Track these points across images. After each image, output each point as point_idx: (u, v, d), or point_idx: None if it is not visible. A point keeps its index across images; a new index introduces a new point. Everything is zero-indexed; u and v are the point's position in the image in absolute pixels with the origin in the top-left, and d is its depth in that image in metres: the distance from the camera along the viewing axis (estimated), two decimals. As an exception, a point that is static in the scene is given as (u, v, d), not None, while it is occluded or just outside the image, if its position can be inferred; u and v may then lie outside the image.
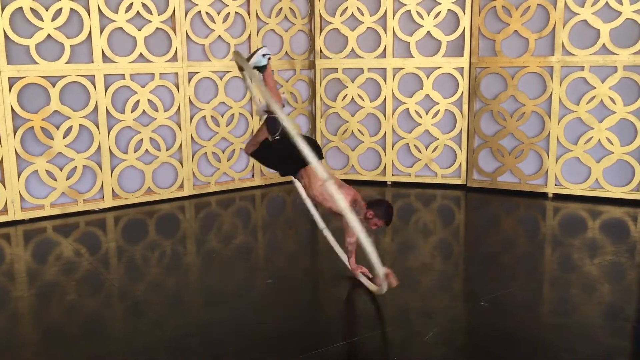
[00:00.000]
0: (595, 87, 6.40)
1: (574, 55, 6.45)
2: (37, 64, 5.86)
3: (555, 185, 6.71)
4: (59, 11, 5.91)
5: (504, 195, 6.90)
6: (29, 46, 5.81)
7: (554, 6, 6.47)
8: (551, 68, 6.57)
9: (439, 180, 7.31)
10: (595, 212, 6.19)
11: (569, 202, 6.52)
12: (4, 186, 5.83)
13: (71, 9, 5.97)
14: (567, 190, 6.66)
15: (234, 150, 7.22)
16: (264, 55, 4.20)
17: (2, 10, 5.62)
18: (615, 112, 6.35)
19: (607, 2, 6.24)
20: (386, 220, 4.15)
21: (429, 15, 7.05)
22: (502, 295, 4.10)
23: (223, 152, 7.15)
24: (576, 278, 4.49)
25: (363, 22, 7.29)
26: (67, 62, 6.01)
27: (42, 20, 5.84)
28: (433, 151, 7.27)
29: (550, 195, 6.73)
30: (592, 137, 6.48)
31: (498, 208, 6.59)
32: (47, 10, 5.85)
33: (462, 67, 7.02)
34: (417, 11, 7.08)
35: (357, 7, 7.29)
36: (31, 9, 5.77)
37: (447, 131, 7.22)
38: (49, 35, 5.90)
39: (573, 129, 6.58)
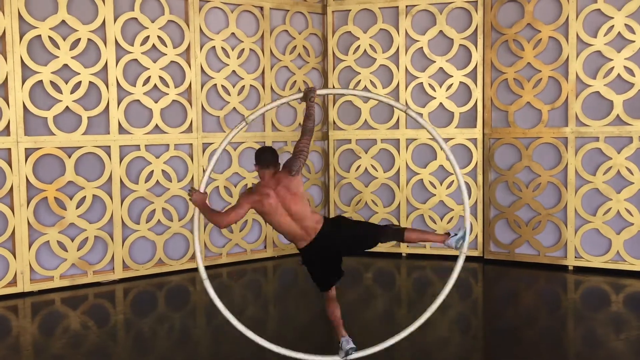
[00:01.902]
0: (611, 158, 6.34)
1: (588, 126, 6.44)
2: (54, 135, 5.94)
3: (576, 257, 6.54)
4: (78, 84, 6.05)
5: (522, 267, 6.72)
6: (47, 118, 5.91)
7: (565, 78, 6.52)
8: (565, 139, 6.55)
9: (455, 252, 7.12)
10: (618, 286, 5.99)
11: (590, 275, 6.32)
12: (15, 257, 5.78)
13: (90, 82, 6.10)
14: (588, 263, 6.47)
15: (246, 220, 7.16)
16: None
17: (22, 83, 5.76)
18: (633, 183, 6.26)
19: (619, 74, 6.28)
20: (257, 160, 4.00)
21: (441, 87, 7.13)
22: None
23: (235, 222, 7.08)
24: (602, 355, 4.28)
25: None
26: (83, 134, 6.09)
27: (61, 92, 5.97)
28: (448, 222, 7.17)
29: (570, 267, 6.55)
30: (610, 207, 6.36)
31: (517, 281, 6.40)
32: (66, 83, 5.99)
33: (476, 138, 7.02)
34: (429, 84, 7.17)
35: (370, 80, 7.40)
36: (51, 82, 5.91)
37: (461, 202, 7.11)
38: (67, 107, 6.01)
39: (591, 200, 6.48)
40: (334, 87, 7.44)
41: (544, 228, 6.70)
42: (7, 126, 5.71)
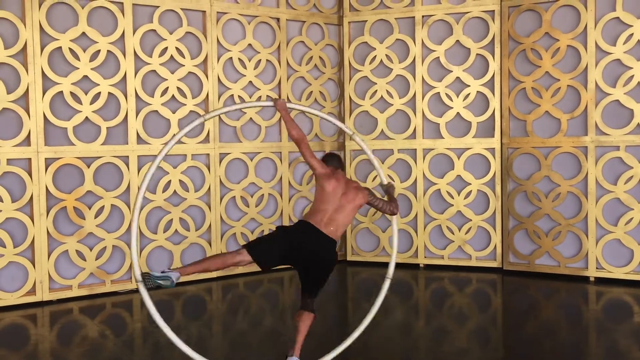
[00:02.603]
0: (632, 167, 6.25)
1: (608, 135, 6.36)
2: (74, 145, 6.00)
3: (597, 268, 6.43)
4: (97, 95, 6.12)
5: (542, 278, 6.62)
6: (66, 128, 5.98)
7: (584, 87, 6.46)
8: (585, 148, 6.47)
9: (473, 263, 7.08)
10: (641, 297, 5.88)
11: (612, 287, 6.21)
12: (34, 266, 5.82)
13: (109, 93, 6.17)
14: (610, 274, 6.37)
15: (262, 230, 7.16)
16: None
17: (43, 94, 5.84)
18: (655, 192, 6.17)
19: (639, 83, 6.21)
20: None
21: (458, 97, 7.10)
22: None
23: (252, 232, 7.09)
24: (627, 367, 4.19)
25: (392, 105, 7.37)
26: (102, 144, 6.15)
27: (81, 103, 6.04)
28: (466, 232, 7.10)
29: (591, 279, 6.44)
30: (632, 217, 6.26)
31: (537, 292, 6.30)
32: (86, 94, 6.06)
33: (494, 148, 6.97)
34: (446, 93, 7.14)
35: (387, 90, 7.39)
36: (71, 92, 5.98)
37: (480, 212, 7.07)
38: (86, 117, 6.08)
39: (612, 210, 6.38)
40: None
41: (564, 238, 6.61)
42: (28, 136, 5.78)
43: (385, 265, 7.24)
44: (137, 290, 6.26)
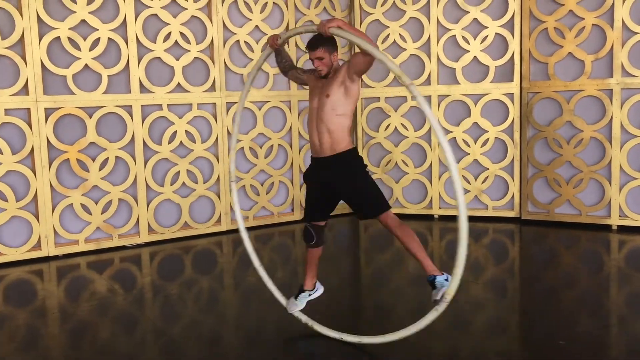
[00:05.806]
0: (659, 110, 5.96)
1: (634, 76, 6.04)
2: (74, 94, 5.74)
3: (620, 216, 6.21)
4: (96, 41, 5.82)
5: (562, 228, 6.41)
6: (65, 76, 5.71)
7: (610, 26, 6.10)
8: (610, 91, 6.16)
9: (490, 213, 6.87)
10: (666, 245, 5.68)
11: (635, 235, 6.01)
12: (38, 220, 5.65)
13: (109, 39, 5.87)
14: (633, 222, 6.15)
15: (272, 182, 6.95)
16: None
17: (40, 40, 5.55)
18: (683, 137, 5.89)
19: (669, 20, 5.86)
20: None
21: (475, 39, 6.75)
22: (568, 337, 3.65)
23: (262, 184, 6.88)
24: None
25: (406, 49, 7.03)
26: (104, 93, 5.88)
27: (79, 50, 5.75)
28: (483, 182, 6.87)
29: (614, 227, 6.23)
30: (658, 163, 6.01)
31: (556, 242, 6.11)
32: (84, 40, 5.76)
33: (512, 93, 6.66)
34: (462, 36, 6.79)
35: (400, 34, 7.04)
36: (69, 38, 5.69)
37: (497, 160, 6.82)
38: (86, 65, 5.80)
39: (637, 155, 6.11)
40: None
41: (586, 186, 6.37)
42: (26, 85, 5.52)
43: (402, 217, 7.09)
44: (145, 245, 6.13)
